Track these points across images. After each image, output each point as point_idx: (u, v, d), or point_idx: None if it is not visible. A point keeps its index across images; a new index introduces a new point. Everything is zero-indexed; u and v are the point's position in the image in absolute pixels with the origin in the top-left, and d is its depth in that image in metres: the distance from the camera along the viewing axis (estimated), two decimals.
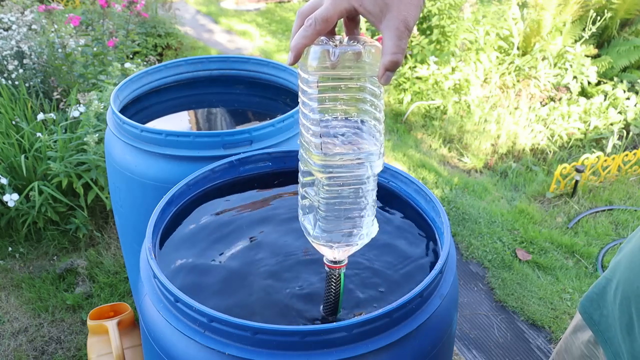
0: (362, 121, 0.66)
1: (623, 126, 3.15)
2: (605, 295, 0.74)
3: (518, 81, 3.52)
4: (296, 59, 0.62)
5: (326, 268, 0.75)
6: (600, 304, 0.75)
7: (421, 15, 3.68)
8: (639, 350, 0.68)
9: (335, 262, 0.74)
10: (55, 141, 2.28)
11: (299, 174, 0.72)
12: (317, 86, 0.63)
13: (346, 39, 0.63)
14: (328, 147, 0.64)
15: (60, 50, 2.75)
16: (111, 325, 1.60)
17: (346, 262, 0.75)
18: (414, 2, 0.56)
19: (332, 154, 0.64)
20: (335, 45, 0.61)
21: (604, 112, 3.22)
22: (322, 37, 0.63)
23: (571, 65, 3.46)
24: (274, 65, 1.58)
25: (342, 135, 0.65)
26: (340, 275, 0.75)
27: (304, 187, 0.72)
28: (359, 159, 0.65)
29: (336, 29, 0.65)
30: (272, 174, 1.11)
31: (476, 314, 2.06)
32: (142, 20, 3.84)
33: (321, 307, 0.80)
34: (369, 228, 0.73)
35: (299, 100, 0.67)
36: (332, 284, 0.76)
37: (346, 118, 0.65)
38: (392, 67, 0.58)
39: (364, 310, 0.81)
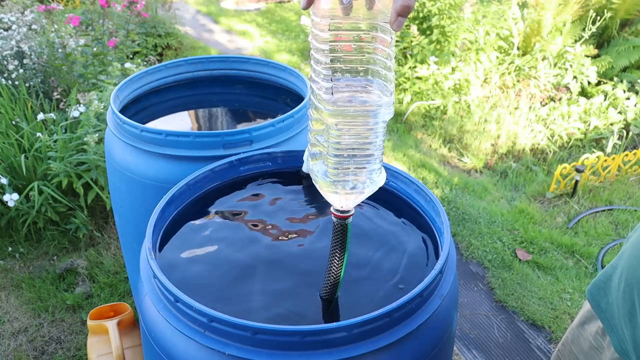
0: (373, 68, 0.65)
1: (623, 126, 3.15)
2: (611, 282, 0.75)
3: (518, 81, 3.52)
4: (309, 3, 0.62)
5: (333, 218, 0.75)
6: (606, 292, 0.76)
7: (421, 15, 3.69)
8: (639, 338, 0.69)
9: (342, 212, 0.74)
10: (55, 141, 2.28)
11: (309, 122, 0.71)
12: (329, 29, 0.63)
13: None
14: (339, 92, 0.65)
15: (60, 50, 2.75)
16: (111, 325, 1.60)
17: (353, 212, 0.74)
18: None
19: (342, 99, 0.65)
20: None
21: (604, 112, 3.22)
22: None
23: (571, 65, 3.46)
24: (274, 65, 1.58)
25: (354, 81, 0.65)
26: (347, 225, 0.75)
27: (314, 134, 0.71)
28: (369, 104, 0.66)
29: None
30: (272, 174, 1.11)
31: (476, 314, 2.06)
32: (142, 20, 3.84)
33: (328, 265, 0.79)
34: (376, 176, 0.72)
35: (311, 42, 0.67)
36: (338, 236, 0.75)
37: (358, 64, 0.65)
38: (404, 12, 0.57)
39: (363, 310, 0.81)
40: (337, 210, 0.74)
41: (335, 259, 0.78)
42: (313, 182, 0.73)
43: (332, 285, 0.79)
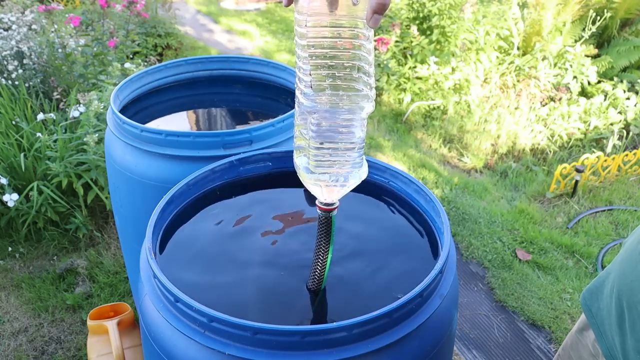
0: (356, 63, 0.66)
1: (623, 126, 3.15)
2: (603, 288, 0.75)
3: (518, 81, 3.53)
4: (290, 0, 0.64)
5: (318, 211, 0.76)
6: (598, 297, 0.76)
7: (421, 15, 3.69)
8: (629, 345, 0.68)
9: (326, 205, 0.75)
10: (55, 141, 2.28)
11: (295, 116, 0.73)
12: (308, 25, 0.64)
13: None
14: (319, 87, 0.66)
15: (60, 50, 2.75)
16: (111, 325, 1.60)
17: (337, 204, 0.76)
18: None
19: (322, 94, 0.66)
20: None
21: (604, 112, 3.22)
22: None
23: (571, 65, 3.46)
24: (274, 65, 1.58)
25: (333, 76, 0.66)
26: (331, 218, 0.76)
27: (299, 128, 0.73)
28: (349, 99, 0.67)
29: None
30: (272, 174, 1.11)
31: (476, 314, 2.06)
32: (142, 20, 3.84)
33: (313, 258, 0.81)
34: (358, 169, 0.74)
35: (295, 39, 0.68)
36: (323, 228, 0.77)
37: (337, 59, 0.66)
38: (379, 10, 0.59)
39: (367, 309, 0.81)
40: (322, 203, 0.75)
41: (321, 251, 0.79)
42: (298, 175, 0.75)
43: (318, 277, 0.81)
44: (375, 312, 0.70)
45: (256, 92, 1.62)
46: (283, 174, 1.11)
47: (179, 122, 1.53)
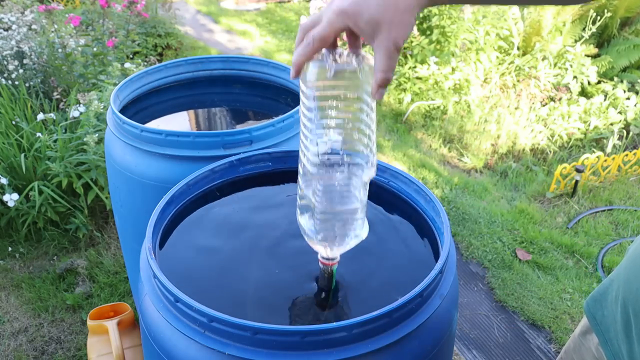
0: (356, 130, 0.69)
1: (623, 126, 3.15)
2: (607, 295, 0.74)
3: (518, 81, 3.53)
4: (297, 73, 0.67)
5: (320, 265, 0.81)
6: (602, 304, 0.75)
7: (421, 15, 3.69)
8: (637, 352, 0.68)
9: (328, 259, 0.80)
10: (55, 141, 2.28)
11: (298, 176, 0.75)
12: (315, 98, 0.67)
13: (345, 52, 0.67)
14: (324, 156, 0.69)
15: (60, 50, 2.75)
16: (111, 325, 1.60)
17: (338, 259, 0.80)
18: (405, 22, 0.59)
19: (327, 161, 0.69)
20: (334, 60, 0.66)
21: (604, 112, 3.22)
22: (324, 50, 0.66)
23: (571, 65, 3.46)
24: (274, 65, 1.58)
25: (337, 142, 0.69)
26: (332, 270, 0.81)
27: (302, 189, 0.76)
28: (353, 165, 0.70)
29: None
30: (272, 174, 1.11)
31: (476, 314, 2.06)
32: (142, 20, 3.84)
33: (315, 299, 0.84)
34: (360, 230, 0.78)
35: (300, 109, 0.71)
36: (325, 279, 0.82)
37: (341, 127, 0.69)
38: (383, 84, 0.63)
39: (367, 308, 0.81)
40: (323, 258, 0.80)
41: (322, 297, 0.83)
42: (302, 233, 0.79)
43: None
44: (375, 312, 0.70)
45: (256, 92, 1.62)
46: (283, 174, 1.11)
47: (179, 122, 1.53)
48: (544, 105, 3.36)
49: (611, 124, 3.16)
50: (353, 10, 0.60)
